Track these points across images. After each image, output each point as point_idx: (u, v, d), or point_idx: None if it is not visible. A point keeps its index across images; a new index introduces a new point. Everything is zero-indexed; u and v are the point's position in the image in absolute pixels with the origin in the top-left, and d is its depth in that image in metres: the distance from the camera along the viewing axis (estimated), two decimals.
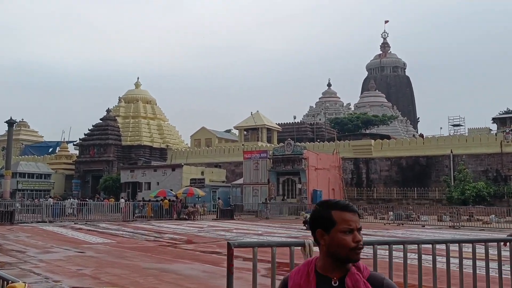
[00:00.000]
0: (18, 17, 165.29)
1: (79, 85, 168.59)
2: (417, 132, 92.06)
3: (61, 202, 32.87)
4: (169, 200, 32.98)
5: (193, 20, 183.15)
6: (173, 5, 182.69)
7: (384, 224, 29.41)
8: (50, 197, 40.48)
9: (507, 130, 44.92)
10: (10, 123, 43.55)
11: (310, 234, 2.10)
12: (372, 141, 47.19)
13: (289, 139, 41.78)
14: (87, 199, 36.67)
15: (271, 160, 39.84)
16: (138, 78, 61.65)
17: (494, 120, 64.02)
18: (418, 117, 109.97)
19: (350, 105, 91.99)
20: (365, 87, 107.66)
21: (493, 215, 27.91)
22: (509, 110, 72.89)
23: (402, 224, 29.12)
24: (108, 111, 55.99)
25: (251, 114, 55.18)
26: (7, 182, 41.61)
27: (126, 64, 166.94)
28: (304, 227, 23.76)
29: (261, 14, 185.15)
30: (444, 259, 4.70)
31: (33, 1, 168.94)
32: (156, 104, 60.06)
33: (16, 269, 10.25)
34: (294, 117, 69.67)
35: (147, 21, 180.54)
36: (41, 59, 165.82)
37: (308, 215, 25.69)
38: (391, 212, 32.57)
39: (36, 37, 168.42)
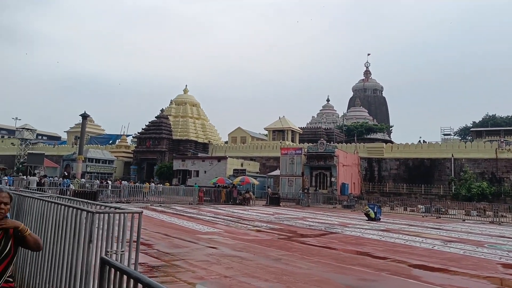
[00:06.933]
0: (75, 35, 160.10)
1: (137, 91, 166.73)
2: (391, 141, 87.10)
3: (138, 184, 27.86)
4: (226, 186, 28.24)
5: (218, 44, 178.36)
6: (207, 31, 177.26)
7: (422, 217, 24.59)
8: (110, 179, 35.50)
9: (501, 140, 40.40)
10: (84, 116, 38.04)
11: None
12: (384, 144, 42.56)
13: (322, 139, 37.05)
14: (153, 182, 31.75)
15: (305, 156, 35.13)
16: (186, 85, 56.89)
17: (471, 132, 59.46)
18: (392, 126, 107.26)
19: (345, 116, 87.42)
20: (351, 104, 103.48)
21: None
22: (474, 123, 68.67)
23: (440, 217, 24.34)
24: (162, 110, 50.80)
25: (279, 118, 50.28)
26: (79, 165, 36.22)
27: (177, 76, 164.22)
28: (367, 218, 19.39)
29: (272, 45, 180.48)
30: None
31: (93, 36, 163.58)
32: (200, 107, 54.78)
33: (178, 281, 5.36)
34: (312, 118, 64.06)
35: (192, 43, 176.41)
36: (102, 73, 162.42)
37: (370, 209, 21.19)
38: (422, 206, 27.87)
39: (88, 54, 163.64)
